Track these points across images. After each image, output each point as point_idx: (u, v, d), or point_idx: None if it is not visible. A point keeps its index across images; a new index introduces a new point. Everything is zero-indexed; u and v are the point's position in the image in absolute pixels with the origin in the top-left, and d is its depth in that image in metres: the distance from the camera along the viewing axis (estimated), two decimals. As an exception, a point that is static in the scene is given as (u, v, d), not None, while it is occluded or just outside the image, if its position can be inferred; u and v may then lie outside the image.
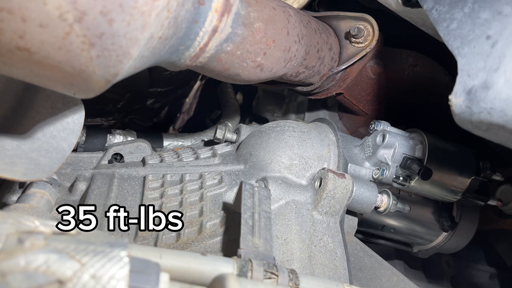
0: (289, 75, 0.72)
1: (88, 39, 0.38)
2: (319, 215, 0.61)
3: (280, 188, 0.61)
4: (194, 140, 0.97)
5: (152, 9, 0.40)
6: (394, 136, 0.70)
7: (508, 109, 0.39)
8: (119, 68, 0.42)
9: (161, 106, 1.26)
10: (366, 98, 0.87)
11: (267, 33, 0.59)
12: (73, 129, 0.59)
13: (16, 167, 0.51)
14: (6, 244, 0.31)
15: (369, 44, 0.77)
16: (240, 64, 0.59)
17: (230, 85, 1.25)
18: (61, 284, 0.29)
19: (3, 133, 0.53)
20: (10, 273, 0.29)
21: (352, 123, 0.95)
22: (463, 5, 0.46)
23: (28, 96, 0.57)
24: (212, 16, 0.51)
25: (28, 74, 0.42)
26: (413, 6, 0.63)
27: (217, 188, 0.65)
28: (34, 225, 0.34)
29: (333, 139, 0.69)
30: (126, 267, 0.31)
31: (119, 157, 0.75)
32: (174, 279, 0.36)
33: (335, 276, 0.56)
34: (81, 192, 0.68)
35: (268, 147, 0.66)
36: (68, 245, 0.32)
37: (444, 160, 0.72)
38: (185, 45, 0.52)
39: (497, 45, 0.41)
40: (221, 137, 0.76)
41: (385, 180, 0.69)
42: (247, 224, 0.50)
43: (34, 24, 0.36)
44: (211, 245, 0.58)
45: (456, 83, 0.44)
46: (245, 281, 0.37)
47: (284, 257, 0.55)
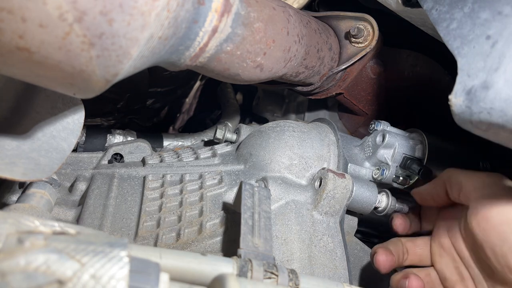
0: (289, 75, 0.72)
1: (88, 39, 0.38)
2: (319, 215, 0.61)
3: (280, 188, 0.61)
4: (194, 140, 0.97)
5: (152, 9, 0.40)
6: (394, 136, 0.70)
7: (508, 109, 0.39)
8: (119, 68, 0.42)
9: (161, 106, 1.26)
10: (366, 98, 0.87)
11: (267, 33, 0.59)
12: (73, 129, 0.59)
13: (16, 167, 0.51)
14: (6, 244, 0.31)
15: (369, 44, 0.77)
16: (240, 64, 0.59)
17: (230, 85, 1.25)
18: (61, 284, 0.29)
19: (3, 133, 0.53)
20: (10, 273, 0.29)
21: (352, 123, 0.95)
22: (463, 5, 0.46)
23: (28, 96, 0.57)
24: (212, 16, 0.51)
25: (28, 74, 0.42)
26: (413, 6, 0.63)
27: (217, 188, 0.65)
28: (34, 225, 0.34)
29: (333, 139, 0.69)
30: (126, 267, 0.31)
31: (119, 157, 0.75)
32: (174, 279, 0.36)
33: (335, 276, 0.56)
34: (81, 192, 0.68)
35: (268, 147, 0.66)
36: (68, 245, 0.32)
37: (444, 160, 0.72)
38: (185, 45, 0.52)
39: (497, 45, 0.41)
40: (221, 137, 0.76)
41: (385, 180, 0.69)
42: (247, 224, 0.50)
43: (34, 24, 0.36)
44: (211, 245, 0.58)
45: (456, 83, 0.44)
46: (245, 281, 0.37)
47: (284, 257, 0.55)
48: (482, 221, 0.48)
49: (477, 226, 0.49)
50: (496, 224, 0.47)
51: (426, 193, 0.61)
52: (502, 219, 0.46)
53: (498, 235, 0.46)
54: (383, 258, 0.58)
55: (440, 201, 0.59)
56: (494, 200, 0.48)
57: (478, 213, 0.48)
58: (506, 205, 0.47)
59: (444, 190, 0.57)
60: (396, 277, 0.58)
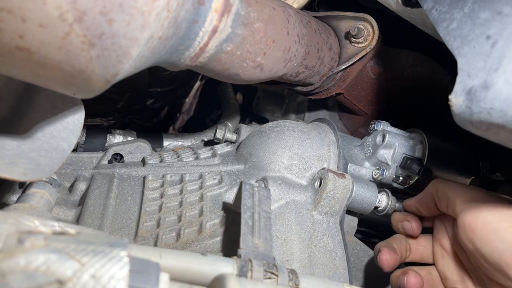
0: (289, 75, 0.72)
1: (88, 39, 0.38)
2: (319, 215, 0.61)
3: (280, 188, 0.61)
4: (194, 140, 0.97)
5: (152, 9, 0.40)
6: (394, 136, 0.70)
7: (508, 109, 0.39)
8: (119, 68, 0.42)
9: (161, 106, 1.25)
10: (366, 98, 0.87)
11: (267, 33, 0.59)
12: (73, 129, 0.59)
13: (16, 167, 0.51)
14: (6, 244, 0.31)
15: (369, 44, 0.77)
16: (240, 64, 0.59)
17: (230, 85, 1.25)
18: (61, 284, 0.29)
19: (3, 133, 0.53)
20: (10, 273, 0.29)
21: (352, 123, 0.95)
22: (463, 5, 0.46)
23: (28, 96, 0.57)
24: (212, 16, 0.51)
25: (28, 74, 0.42)
26: (413, 6, 0.63)
27: (217, 188, 0.65)
28: (34, 225, 0.34)
29: (333, 139, 0.69)
30: (126, 267, 0.31)
31: (119, 157, 0.75)
32: (174, 279, 0.36)
33: (335, 276, 0.56)
34: (81, 192, 0.68)
35: (268, 147, 0.66)
36: (68, 245, 0.32)
37: (444, 160, 0.72)
38: (185, 45, 0.52)
39: (497, 45, 0.41)
40: (221, 137, 0.76)
41: (385, 180, 0.69)
42: (247, 224, 0.50)
43: (34, 24, 0.36)
44: (211, 245, 0.58)
45: (456, 83, 0.44)
46: (245, 281, 0.37)
47: (284, 257, 0.55)
48: (470, 233, 0.49)
49: (465, 238, 0.50)
50: (483, 234, 0.48)
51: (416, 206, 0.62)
52: (488, 229, 0.48)
53: (487, 244, 0.48)
54: (387, 257, 0.58)
55: (432, 212, 0.60)
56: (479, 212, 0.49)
57: (465, 225, 0.50)
58: (490, 215, 0.48)
59: (433, 202, 0.59)
60: (396, 274, 0.59)
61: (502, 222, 0.47)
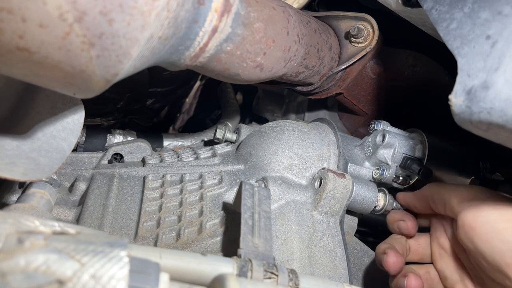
0: (289, 75, 0.72)
1: (88, 39, 0.38)
2: (319, 215, 0.61)
3: (280, 188, 0.61)
4: (194, 140, 0.97)
5: (152, 9, 0.40)
6: (394, 136, 0.70)
7: (507, 109, 0.39)
8: (119, 68, 0.42)
9: (161, 106, 1.25)
10: (366, 98, 0.87)
11: (267, 33, 0.59)
12: (73, 129, 0.59)
13: (16, 167, 0.51)
14: (6, 244, 0.31)
15: (369, 44, 0.77)
16: (240, 64, 0.59)
17: (230, 85, 1.25)
18: (61, 284, 0.29)
19: (3, 133, 0.53)
20: (10, 273, 0.29)
21: (352, 123, 0.95)
22: (463, 5, 0.46)
23: (28, 96, 0.57)
24: (212, 16, 0.51)
25: (28, 74, 0.42)
26: (413, 6, 0.63)
27: (217, 188, 0.65)
28: (34, 225, 0.34)
29: (333, 139, 0.69)
30: (126, 267, 0.31)
31: (119, 157, 0.75)
32: (174, 279, 0.36)
33: (335, 276, 0.56)
34: (81, 192, 0.68)
35: (268, 147, 0.66)
36: (68, 245, 0.32)
37: (444, 160, 0.72)
38: (185, 45, 0.52)
39: (497, 45, 0.41)
40: (221, 137, 0.76)
41: (385, 180, 0.69)
42: (247, 224, 0.50)
43: (34, 24, 0.36)
44: (211, 245, 0.58)
45: (456, 83, 0.44)
46: (245, 281, 0.37)
47: (284, 257, 0.55)
48: (470, 232, 0.49)
49: (465, 237, 0.50)
50: (483, 234, 0.48)
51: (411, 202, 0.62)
52: (487, 228, 0.48)
53: (487, 244, 0.48)
54: (393, 260, 0.57)
55: (426, 211, 0.60)
56: (479, 211, 0.49)
57: (465, 224, 0.50)
58: (489, 214, 0.48)
59: (428, 205, 0.59)
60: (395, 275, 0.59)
61: (502, 222, 0.47)
